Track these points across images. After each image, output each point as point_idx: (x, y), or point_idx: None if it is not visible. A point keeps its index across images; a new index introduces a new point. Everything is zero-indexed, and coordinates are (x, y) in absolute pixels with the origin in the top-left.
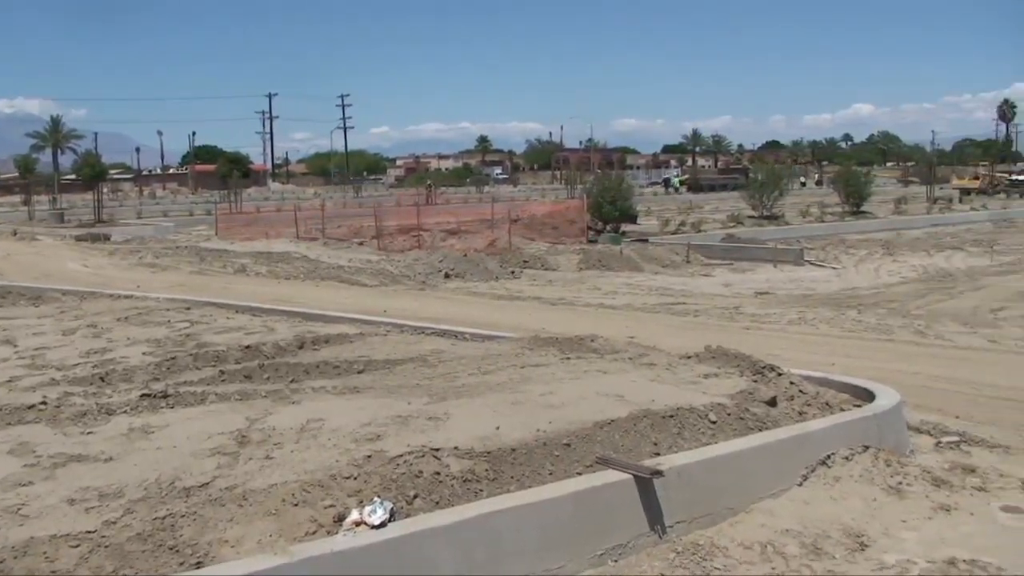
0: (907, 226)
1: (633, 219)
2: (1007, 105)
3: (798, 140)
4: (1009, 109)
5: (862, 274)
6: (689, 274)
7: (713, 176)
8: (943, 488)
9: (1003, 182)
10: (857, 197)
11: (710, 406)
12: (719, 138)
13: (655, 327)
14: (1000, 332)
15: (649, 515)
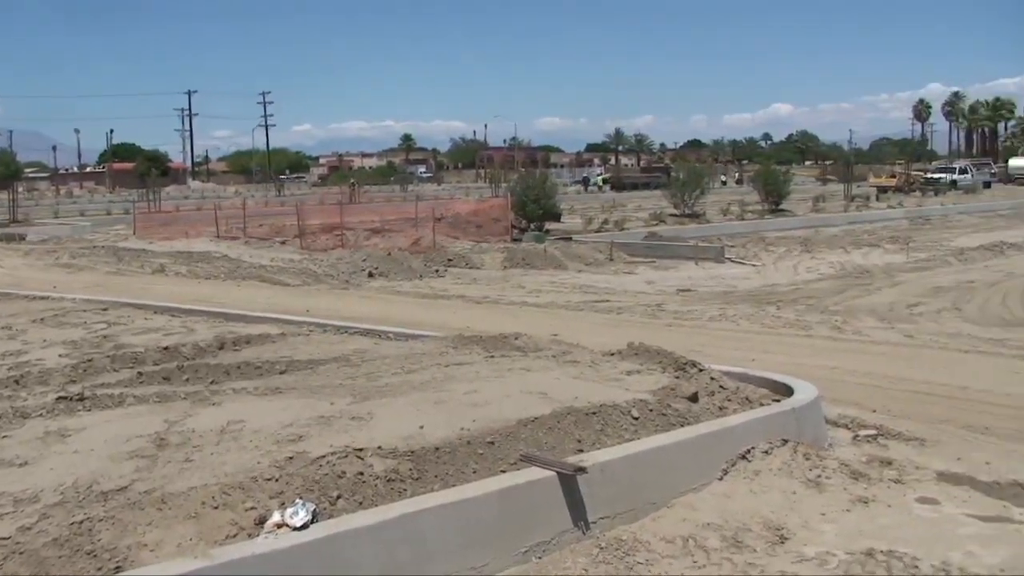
0: (825, 224)
1: (557, 217)
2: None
3: (719, 139)
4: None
5: (781, 271)
6: (612, 272)
7: (636, 175)
8: (861, 481)
9: (919, 180)
10: (776, 195)
11: (633, 402)
12: (641, 137)
13: (579, 325)
14: (916, 327)
15: (573, 512)
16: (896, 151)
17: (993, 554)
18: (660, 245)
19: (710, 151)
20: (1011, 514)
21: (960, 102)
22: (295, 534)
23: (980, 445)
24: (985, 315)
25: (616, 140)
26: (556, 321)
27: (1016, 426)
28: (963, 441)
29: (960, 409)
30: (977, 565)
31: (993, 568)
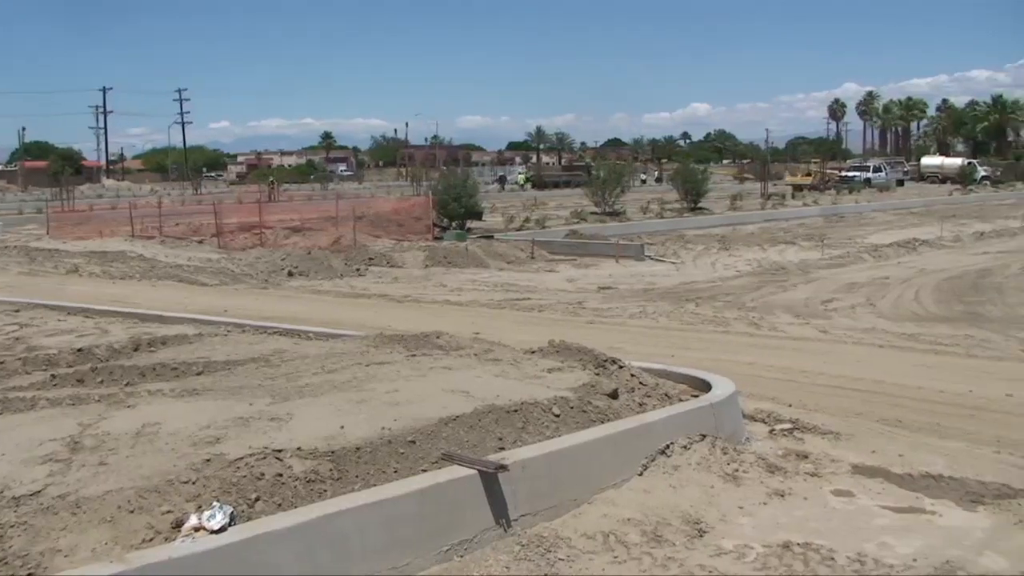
0: (742, 221)
1: (479, 216)
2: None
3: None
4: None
5: (700, 268)
6: (534, 270)
7: (557, 173)
8: (777, 474)
9: (834, 178)
10: (695, 194)
11: (554, 400)
12: (563, 135)
13: (500, 323)
14: (830, 323)
15: (494, 509)
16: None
17: (907, 545)
18: (581, 243)
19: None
20: (923, 505)
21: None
22: (212, 537)
23: (894, 438)
24: (898, 310)
25: (537, 138)
26: (478, 319)
27: (928, 419)
28: (877, 434)
29: (874, 403)
30: (891, 556)
31: (907, 558)
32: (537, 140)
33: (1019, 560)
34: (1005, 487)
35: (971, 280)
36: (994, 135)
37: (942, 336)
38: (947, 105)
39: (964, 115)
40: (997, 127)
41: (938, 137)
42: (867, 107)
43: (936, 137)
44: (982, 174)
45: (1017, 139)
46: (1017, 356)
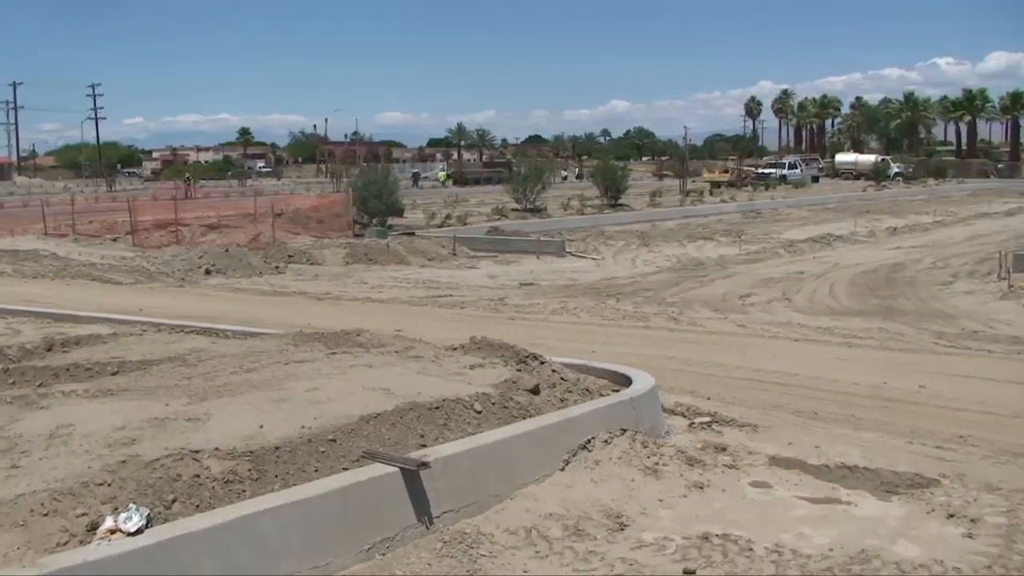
0: (662, 218)
1: (400, 212)
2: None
3: (559, 135)
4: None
5: (620, 264)
6: (455, 266)
7: (478, 170)
8: (696, 467)
9: (750, 175)
10: (615, 190)
11: (475, 396)
12: (483, 132)
13: (422, 320)
14: (748, 317)
15: (416, 507)
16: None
17: (823, 535)
18: (502, 240)
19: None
20: (839, 495)
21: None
22: (129, 540)
23: (810, 430)
24: (814, 304)
25: (458, 135)
26: (399, 317)
27: (843, 411)
28: (793, 426)
29: (790, 395)
30: (808, 546)
31: (823, 548)
32: (458, 137)
33: (932, 548)
34: (918, 477)
35: (884, 274)
36: (906, 132)
37: (856, 329)
38: (861, 103)
39: (877, 113)
40: (909, 124)
41: (852, 134)
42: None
43: (850, 134)
44: (895, 170)
45: (929, 136)
46: (929, 348)
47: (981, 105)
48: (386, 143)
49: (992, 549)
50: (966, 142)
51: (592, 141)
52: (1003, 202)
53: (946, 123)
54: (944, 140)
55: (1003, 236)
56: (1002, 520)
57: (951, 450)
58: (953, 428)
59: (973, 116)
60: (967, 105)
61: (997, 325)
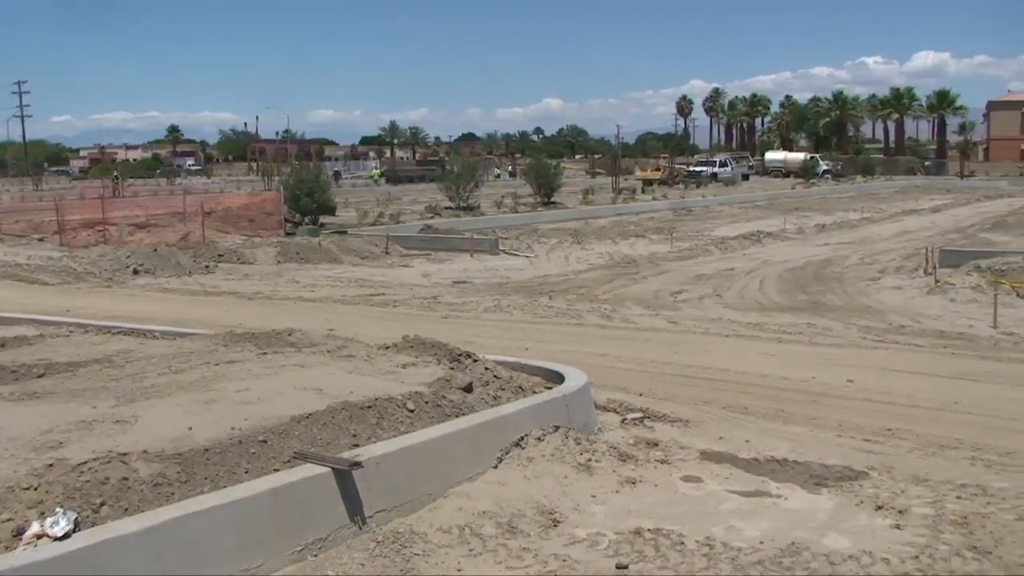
0: (594, 215)
1: (332, 211)
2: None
3: (493, 133)
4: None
5: (553, 262)
6: (388, 265)
7: (411, 168)
8: (629, 463)
9: (682, 173)
10: (548, 188)
11: (408, 395)
12: (416, 130)
13: (355, 319)
14: (679, 314)
15: (349, 507)
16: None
17: (753, 527)
18: (435, 238)
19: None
20: (769, 488)
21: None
22: (56, 544)
23: (740, 424)
24: (744, 301)
25: (391, 133)
26: (331, 316)
27: (773, 405)
28: (724, 421)
29: (721, 390)
30: (739, 539)
31: (753, 541)
32: (391, 134)
33: (860, 539)
34: (847, 469)
35: (813, 270)
36: (835, 130)
37: (786, 325)
38: (790, 101)
39: (806, 111)
40: (838, 123)
41: (782, 133)
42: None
43: (780, 133)
44: (824, 168)
45: (857, 134)
46: (857, 343)
47: (908, 103)
48: (318, 141)
49: (919, 539)
50: (894, 140)
51: (526, 139)
52: (930, 199)
53: (874, 121)
54: (872, 138)
55: (930, 232)
56: (929, 511)
57: (879, 443)
58: (881, 421)
59: (901, 114)
60: (895, 103)
61: (923, 320)
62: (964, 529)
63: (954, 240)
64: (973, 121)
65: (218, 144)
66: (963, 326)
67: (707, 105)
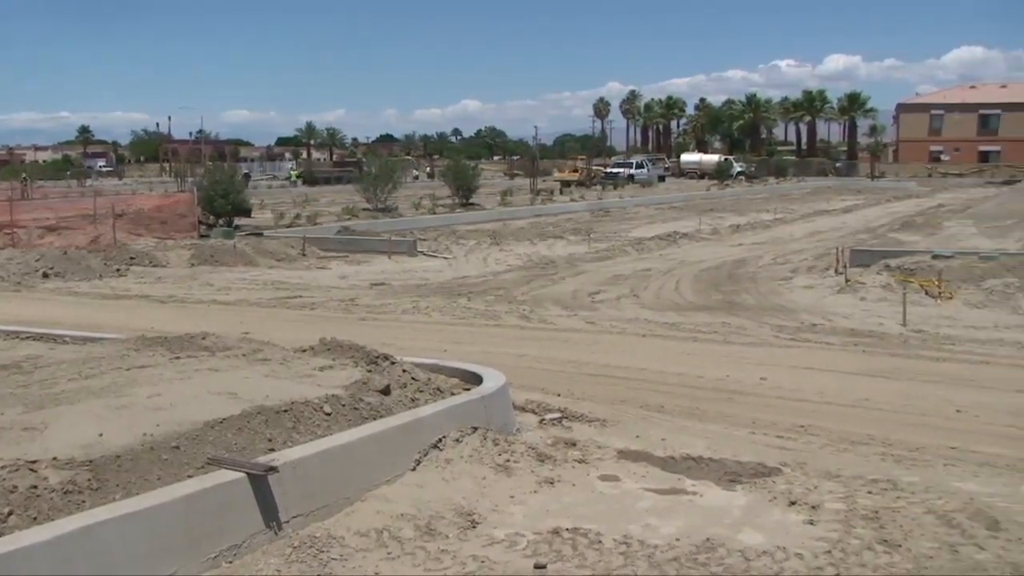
0: (513, 217)
1: (247, 213)
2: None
3: (411, 134)
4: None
5: (472, 263)
6: (305, 267)
7: (328, 169)
8: (547, 463)
9: (599, 175)
10: (466, 189)
11: (325, 398)
12: (334, 131)
13: (271, 322)
14: (597, 314)
15: (265, 512)
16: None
17: (669, 524)
18: (353, 239)
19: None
20: (685, 486)
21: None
22: None
23: (656, 423)
24: (660, 301)
25: (308, 134)
26: (247, 319)
27: (689, 404)
28: (641, 420)
29: (638, 390)
30: (655, 536)
31: (670, 538)
32: (307, 135)
33: (774, 535)
34: (760, 466)
35: (728, 271)
36: (749, 132)
37: (701, 324)
38: (705, 104)
39: (721, 114)
40: (751, 125)
41: (697, 135)
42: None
43: (695, 135)
44: (738, 170)
45: (770, 136)
46: (770, 342)
47: (820, 106)
48: (233, 142)
49: (832, 534)
50: (806, 142)
51: (444, 140)
52: (841, 199)
53: (787, 123)
54: (785, 140)
55: (840, 232)
56: (841, 506)
57: (792, 439)
58: (794, 418)
59: (812, 116)
60: (807, 106)
61: (835, 318)
62: (875, 523)
63: (864, 240)
64: (883, 123)
65: (130, 145)
66: (873, 324)
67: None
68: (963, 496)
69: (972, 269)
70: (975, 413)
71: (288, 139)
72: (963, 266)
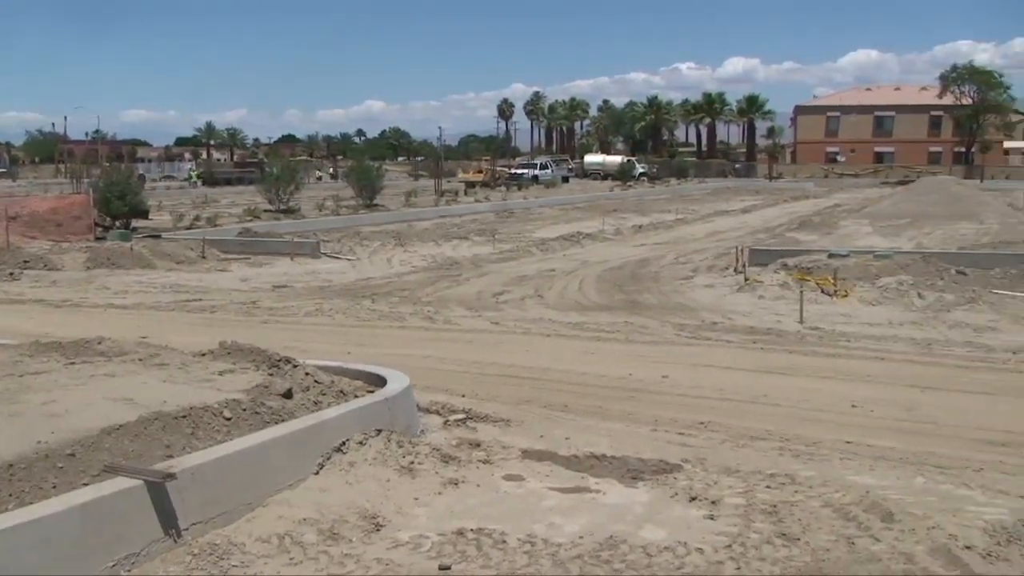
0: (417, 218)
1: (145, 214)
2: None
3: (313, 134)
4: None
5: (376, 264)
6: (205, 270)
7: (229, 169)
8: (451, 464)
9: (504, 176)
10: (370, 190)
11: (225, 403)
12: (234, 131)
13: (170, 326)
14: (501, 314)
15: (163, 520)
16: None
17: (573, 523)
18: (255, 241)
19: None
20: (588, 484)
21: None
22: None
23: (560, 422)
24: (564, 301)
25: (208, 134)
26: (145, 323)
27: (592, 402)
28: (545, 419)
29: (542, 389)
30: (559, 535)
31: (573, 536)
32: (207, 135)
33: (676, 530)
34: (662, 463)
35: (630, 270)
36: (651, 134)
37: (604, 324)
38: (608, 106)
39: (623, 115)
40: (653, 127)
41: (600, 136)
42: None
43: (598, 136)
44: (640, 171)
45: (672, 138)
46: (672, 340)
47: (720, 108)
48: (130, 142)
49: (732, 529)
50: (706, 143)
51: (348, 141)
52: (740, 200)
53: (687, 125)
54: (686, 141)
55: (740, 232)
56: (740, 501)
57: (692, 436)
58: (694, 415)
59: (712, 119)
60: (707, 108)
61: (734, 316)
62: (774, 517)
63: (763, 239)
64: (781, 125)
65: (24, 146)
66: (771, 322)
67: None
68: (859, 489)
69: (867, 267)
70: (870, 408)
71: (188, 139)
72: (858, 265)
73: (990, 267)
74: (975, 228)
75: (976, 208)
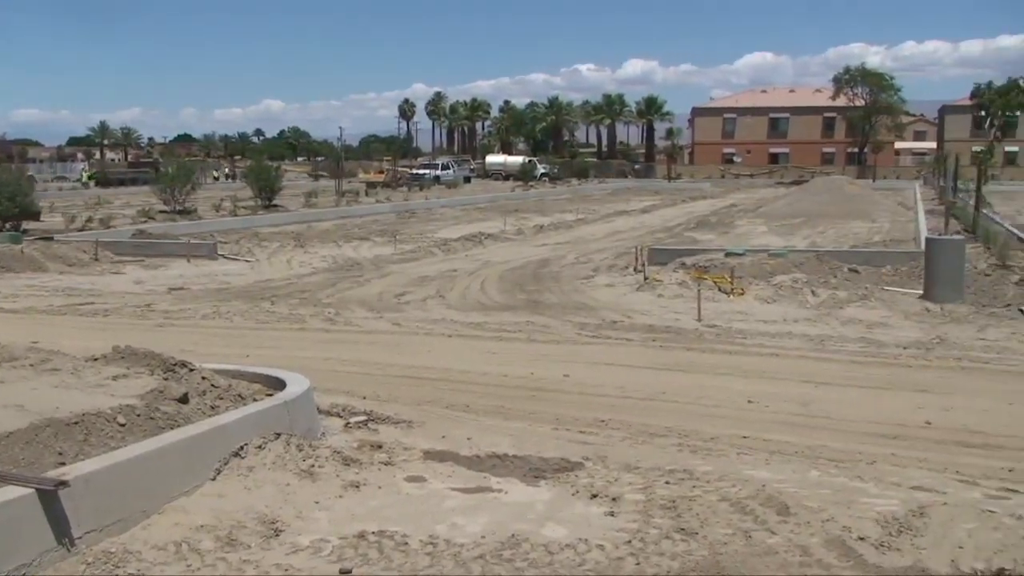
0: (317, 218)
1: (36, 216)
2: (408, 104)
3: (210, 134)
4: (409, 108)
5: (275, 266)
6: (98, 272)
7: (123, 170)
8: (353, 466)
9: (405, 176)
10: (269, 191)
11: (119, 408)
12: (128, 130)
13: (61, 330)
14: (403, 315)
15: (55, 529)
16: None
17: (475, 522)
18: (149, 243)
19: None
20: (490, 484)
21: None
22: None
23: (462, 422)
24: (466, 301)
25: (101, 133)
26: (36, 327)
27: (494, 402)
28: (447, 420)
29: (444, 390)
30: (461, 535)
31: (475, 536)
32: (101, 135)
33: (577, 528)
34: (563, 461)
35: (532, 270)
36: (551, 135)
37: (506, 324)
38: (509, 106)
39: (524, 116)
40: (554, 127)
41: (501, 136)
42: (435, 107)
43: (499, 136)
44: (541, 171)
45: (572, 138)
46: (573, 339)
47: (619, 109)
48: (20, 142)
49: (632, 525)
50: (606, 144)
51: (246, 141)
52: (640, 200)
53: (588, 126)
54: (586, 142)
55: (639, 232)
56: (640, 497)
57: (593, 434)
58: (595, 413)
59: (612, 120)
60: (606, 109)
61: (634, 315)
62: (673, 512)
63: (662, 239)
64: (679, 127)
65: None
66: (670, 320)
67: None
68: (755, 483)
69: (762, 266)
70: (765, 403)
71: (81, 139)
72: (754, 263)
73: (882, 265)
74: (867, 227)
75: (868, 207)
